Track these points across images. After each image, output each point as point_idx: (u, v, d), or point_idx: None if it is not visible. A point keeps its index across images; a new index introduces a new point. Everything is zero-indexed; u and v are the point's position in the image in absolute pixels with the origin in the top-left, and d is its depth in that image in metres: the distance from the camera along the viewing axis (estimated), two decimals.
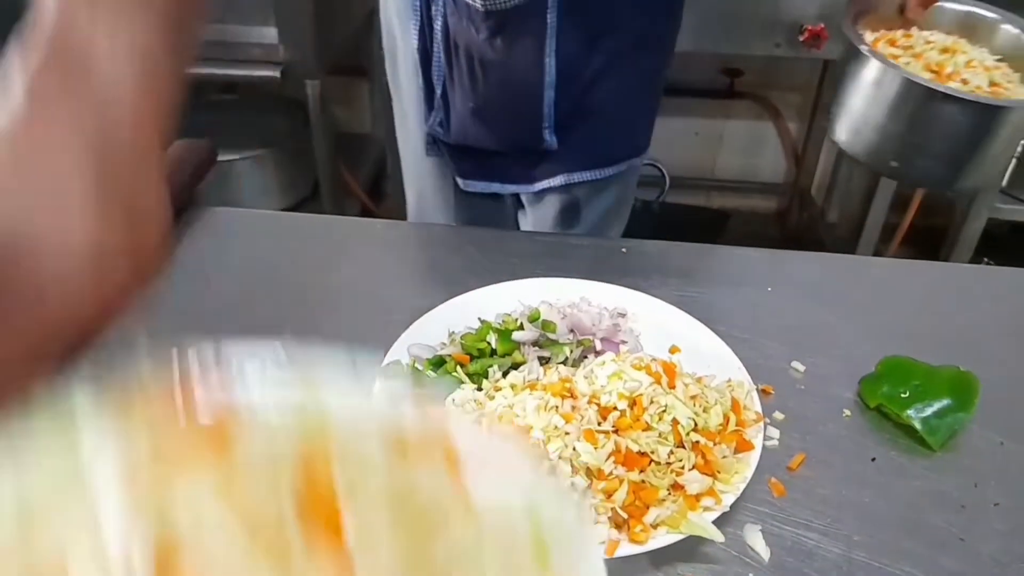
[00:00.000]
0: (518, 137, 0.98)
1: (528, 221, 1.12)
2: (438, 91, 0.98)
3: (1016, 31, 0.81)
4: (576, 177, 1.01)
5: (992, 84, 0.75)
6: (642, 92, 1.01)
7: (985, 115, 0.72)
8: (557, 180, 1.01)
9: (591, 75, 0.94)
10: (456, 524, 0.27)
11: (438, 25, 0.93)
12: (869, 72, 0.75)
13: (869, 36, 0.80)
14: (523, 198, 1.11)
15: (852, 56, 0.76)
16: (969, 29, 0.83)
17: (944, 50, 0.80)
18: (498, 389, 0.65)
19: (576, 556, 0.30)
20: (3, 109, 0.31)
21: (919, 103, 0.73)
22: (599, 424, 0.59)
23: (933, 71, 0.76)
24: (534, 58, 0.90)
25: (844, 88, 0.78)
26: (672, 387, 0.62)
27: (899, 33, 0.82)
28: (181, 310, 0.79)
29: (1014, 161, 1.92)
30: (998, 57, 0.80)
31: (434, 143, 1.06)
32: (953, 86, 0.74)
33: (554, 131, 0.96)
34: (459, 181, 1.05)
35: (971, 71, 0.76)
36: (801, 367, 0.74)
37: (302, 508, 0.24)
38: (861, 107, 0.77)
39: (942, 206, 2.03)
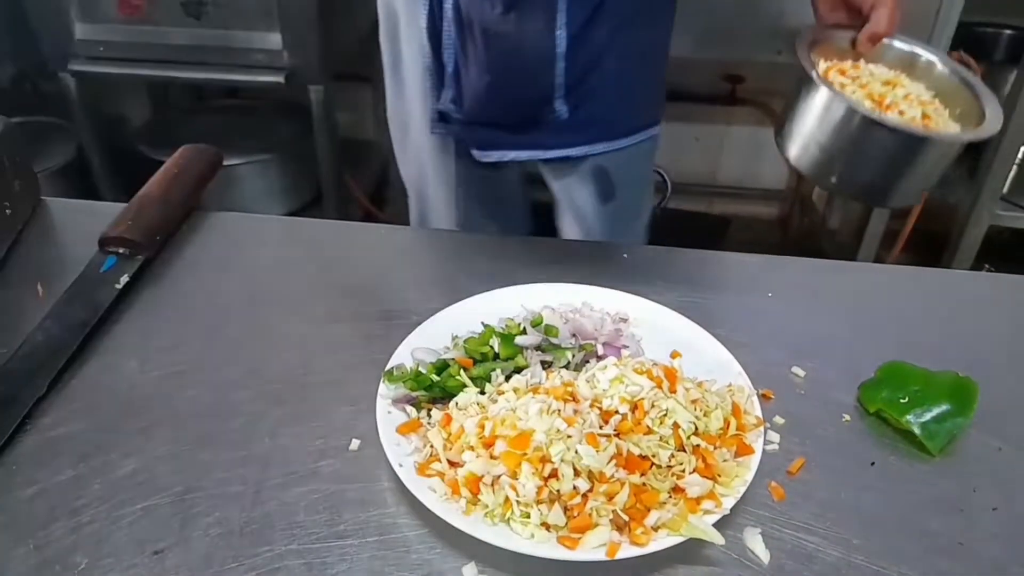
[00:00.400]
0: (531, 107, 1.02)
1: (564, 205, 1.17)
2: (449, 68, 1.02)
3: (947, 71, 0.91)
4: (600, 147, 1.07)
5: (924, 116, 0.84)
6: (645, 64, 1.07)
7: (913, 143, 0.81)
8: (577, 150, 1.07)
9: (598, 46, 0.99)
10: None
11: (448, 4, 0.98)
12: (819, 98, 0.82)
13: (822, 64, 0.89)
14: (548, 175, 1.15)
15: (805, 82, 0.83)
16: (910, 66, 0.92)
17: (886, 83, 0.88)
18: (501, 393, 0.65)
19: None
20: None
21: (859, 128, 0.81)
22: (601, 428, 0.60)
23: (875, 100, 0.84)
24: (545, 31, 0.95)
25: (796, 110, 0.85)
26: (673, 391, 0.63)
27: (848, 64, 0.92)
28: (187, 312, 0.79)
29: (1015, 168, 1.93)
30: (932, 93, 0.89)
31: (440, 120, 1.09)
32: (890, 116, 0.82)
33: (564, 100, 1.01)
34: (475, 153, 1.09)
35: (907, 103, 0.85)
36: (801, 372, 0.74)
37: None
38: (810, 128, 0.84)
39: (943, 213, 2.03)
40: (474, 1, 0.94)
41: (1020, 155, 1.90)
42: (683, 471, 0.59)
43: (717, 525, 0.57)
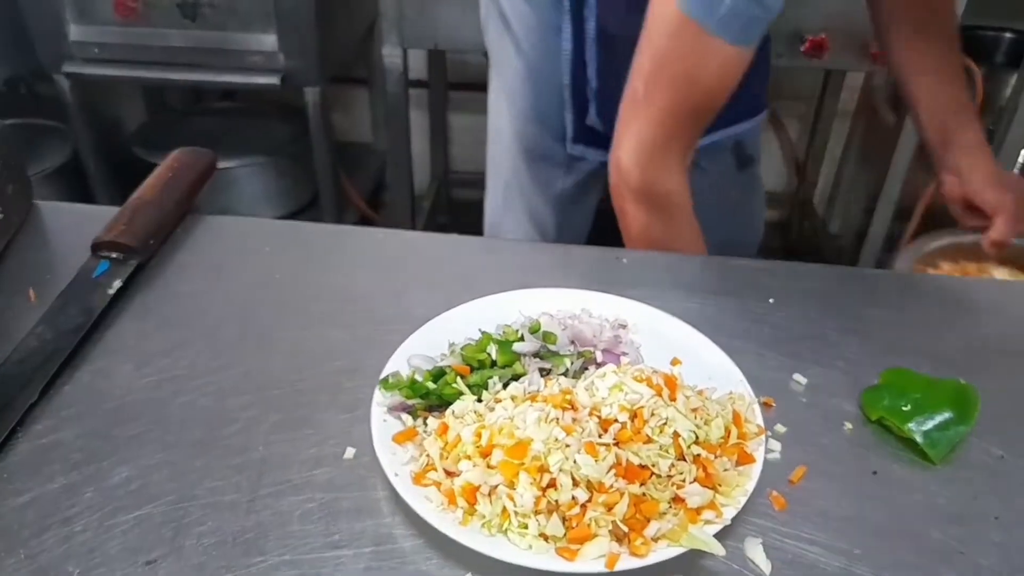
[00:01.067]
0: None
1: (708, 178, 1.25)
2: (594, 85, 1.12)
3: None
4: (740, 128, 1.22)
5: None
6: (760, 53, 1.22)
7: None
8: (717, 135, 1.21)
9: None
10: None
11: (590, 26, 1.07)
12: None
13: (946, 266, 0.87)
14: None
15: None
16: None
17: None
18: (498, 401, 0.64)
19: None
20: None
21: None
22: (600, 436, 0.59)
23: None
24: None
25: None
26: (673, 399, 0.62)
27: (973, 267, 0.96)
28: (182, 317, 0.79)
29: (1015, 172, 1.93)
30: None
31: (581, 132, 1.18)
32: None
33: None
34: None
35: None
36: (803, 379, 0.73)
37: None
38: None
39: (946, 217, 2.03)
40: (627, 19, 0.98)
41: (1021, 159, 1.90)
42: (683, 481, 0.58)
43: (718, 535, 0.56)
